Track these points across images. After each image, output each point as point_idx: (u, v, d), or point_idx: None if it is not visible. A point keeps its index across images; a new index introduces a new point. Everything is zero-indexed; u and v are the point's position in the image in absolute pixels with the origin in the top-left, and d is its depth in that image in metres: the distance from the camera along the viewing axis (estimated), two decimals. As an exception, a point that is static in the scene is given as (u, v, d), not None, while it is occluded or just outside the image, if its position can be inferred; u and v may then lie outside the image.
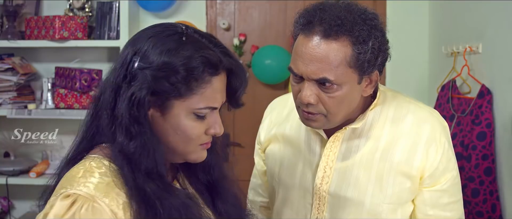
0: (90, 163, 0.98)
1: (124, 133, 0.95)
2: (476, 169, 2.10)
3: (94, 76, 2.84)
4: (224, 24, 3.03)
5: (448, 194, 1.35)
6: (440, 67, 2.72)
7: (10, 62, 2.86)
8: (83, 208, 0.90)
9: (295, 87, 1.27)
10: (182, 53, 0.95)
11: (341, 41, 1.18)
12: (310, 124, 1.29)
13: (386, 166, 1.31)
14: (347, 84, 1.22)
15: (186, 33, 1.00)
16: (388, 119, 1.34)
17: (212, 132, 1.02)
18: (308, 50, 1.20)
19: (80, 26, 2.84)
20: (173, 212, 0.96)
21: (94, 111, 1.03)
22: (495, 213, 2.09)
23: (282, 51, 2.93)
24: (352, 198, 1.33)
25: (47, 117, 2.86)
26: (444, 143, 1.32)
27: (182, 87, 0.95)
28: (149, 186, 0.95)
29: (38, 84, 3.04)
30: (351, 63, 1.19)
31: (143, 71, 0.95)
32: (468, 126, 2.19)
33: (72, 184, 0.94)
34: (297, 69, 1.23)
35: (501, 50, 2.13)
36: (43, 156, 3.07)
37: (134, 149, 0.95)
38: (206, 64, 0.97)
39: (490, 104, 2.12)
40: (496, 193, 2.09)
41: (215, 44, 1.01)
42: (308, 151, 1.40)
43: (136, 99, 0.94)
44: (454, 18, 2.63)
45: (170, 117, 0.98)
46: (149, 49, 0.96)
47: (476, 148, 2.11)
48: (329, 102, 1.23)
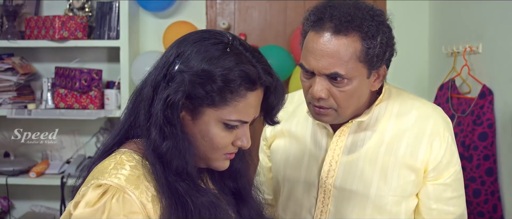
0: (121, 156, 1.01)
1: (158, 131, 0.97)
2: (477, 169, 2.10)
3: (94, 76, 2.84)
4: (224, 24, 3.03)
5: (452, 189, 1.37)
6: (440, 67, 2.72)
7: (10, 62, 2.86)
8: (114, 198, 0.93)
9: (306, 83, 1.30)
10: (223, 63, 0.97)
11: (351, 36, 1.23)
12: (321, 118, 1.32)
13: (391, 159, 1.34)
14: (357, 78, 1.26)
15: (231, 44, 1.00)
16: (393, 114, 1.37)
17: (239, 144, 1.04)
18: (319, 46, 1.24)
19: (80, 26, 2.83)
20: (203, 210, 0.98)
21: (133, 104, 1.05)
22: (496, 213, 2.09)
23: (282, 51, 2.93)
24: (357, 191, 1.35)
25: (47, 117, 2.85)
26: (448, 138, 1.35)
27: (217, 97, 0.97)
28: (180, 184, 0.98)
29: (38, 84, 3.04)
30: (361, 58, 1.24)
31: (182, 74, 0.97)
32: (469, 126, 2.19)
33: (103, 175, 0.97)
34: (309, 65, 1.26)
35: (501, 50, 2.13)
36: (43, 156, 3.06)
37: (166, 148, 0.97)
38: (244, 79, 0.98)
39: (492, 104, 2.12)
40: (497, 194, 2.09)
41: (258, 60, 1.02)
42: (314, 146, 1.42)
43: (170, 101, 0.96)
44: (454, 18, 2.63)
45: (200, 123, 1.00)
46: (192, 53, 0.98)
47: (477, 148, 2.11)
48: (340, 96, 1.27)
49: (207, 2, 3.07)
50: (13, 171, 2.85)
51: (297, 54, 2.92)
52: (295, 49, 2.92)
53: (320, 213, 1.39)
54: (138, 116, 1.02)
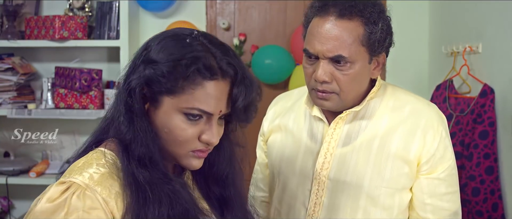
0: (92, 155, 1.02)
1: (122, 120, 1.00)
2: (477, 167, 2.10)
3: (94, 76, 2.84)
4: (224, 24, 3.03)
5: (446, 184, 1.39)
6: (440, 67, 2.72)
7: (10, 62, 2.86)
8: (75, 194, 0.94)
9: (309, 69, 1.35)
10: (178, 51, 0.98)
11: (354, 21, 1.29)
12: (323, 103, 1.36)
13: (384, 151, 1.37)
14: (359, 62, 1.31)
15: (193, 37, 1.01)
16: (388, 108, 1.41)
17: (205, 139, 1.01)
18: (324, 30, 1.30)
19: (80, 26, 2.83)
20: (164, 199, 0.98)
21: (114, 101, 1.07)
22: (496, 212, 2.08)
23: (282, 51, 2.93)
24: (351, 182, 1.37)
25: (47, 116, 2.86)
26: (441, 132, 1.38)
27: (168, 83, 0.97)
28: (141, 172, 0.98)
29: (38, 84, 3.04)
30: (363, 42, 1.30)
31: (141, 65, 1.00)
32: (469, 125, 2.19)
33: (70, 173, 0.98)
34: (313, 49, 1.31)
35: (501, 50, 2.13)
36: (43, 156, 3.07)
37: (129, 137, 0.99)
38: (198, 66, 0.97)
39: (493, 103, 2.12)
40: (498, 192, 2.09)
41: (223, 52, 1.01)
42: (309, 140, 1.44)
43: (129, 88, 0.99)
44: (454, 18, 2.63)
45: (160, 113, 1.00)
46: (154, 46, 1.01)
47: (478, 147, 2.11)
48: (343, 79, 1.31)
49: (207, 2, 3.07)
50: (13, 171, 2.86)
51: (297, 54, 2.92)
52: (295, 49, 2.93)
53: (314, 205, 1.41)
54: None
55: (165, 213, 0.97)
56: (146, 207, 0.96)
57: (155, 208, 0.97)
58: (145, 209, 0.96)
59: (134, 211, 0.96)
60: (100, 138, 1.07)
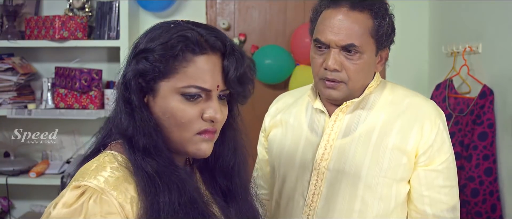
0: (104, 157, 1.01)
1: (122, 115, 1.01)
2: (476, 169, 2.10)
3: (94, 76, 2.84)
4: (224, 24, 3.03)
5: (443, 177, 1.41)
6: (440, 67, 2.72)
7: (10, 62, 2.86)
8: (91, 199, 0.93)
9: (319, 59, 1.40)
10: (164, 35, 0.99)
11: (365, 13, 1.37)
12: (331, 93, 1.41)
13: (383, 142, 1.41)
14: (367, 53, 1.38)
15: (177, 23, 1.03)
16: (387, 102, 1.46)
17: (207, 116, 1.00)
18: (337, 21, 1.37)
19: (80, 26, 2.83)
20: (172, 186, 0.98)
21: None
22: (495, 213, 2.08)
23: (282, 51, 2.93)
24: (349, 172, 1.40)
25: (47, 116, 2.86)
26: (439, 124, 1.42)
27: (161, 65, 0.98)
28: (148, 162, 0.98)
29: (38, 84, 3.04)
30: (372, 34, 1.38)
31: (133, 60, 1.01)
32: (468, 126, 2.19)
33: (83, 177, 0.97)
34: (326, 38, 1.37)
35: (501, 50, 2.13)
36: (43, 156, 3.07)
37: (131, 130, 1.00)
38: (185, 43, 0.98)
39: (492, 104, 2.12)
40: (497, 193, 2.09)
41: (208, 29, 1.02)
42: (310, 132, 1.48)
43: (125, 81, 1.01)
44: (454, 18, 2.63)
45: (159, 99, 1.01)
46: (142, 39, 1.02)
47: (477, 148, 2.11)
48: (352, 68, 1.38)
49: (207, 2, 3.07)
50: (13, 171, 2.86)
51: (297, 54, 2.92)
52: (295, 49, 2.93)
53: (312, 195, 1.43)
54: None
55: (175, 200, 0.97)
56: (158, 195, 0.96)
57: (166, 195, 0.97)
58: (157, 198, 0.96)
59: (148, 201, 0.95)
60: (106, 140, 1.06)
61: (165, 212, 0.95)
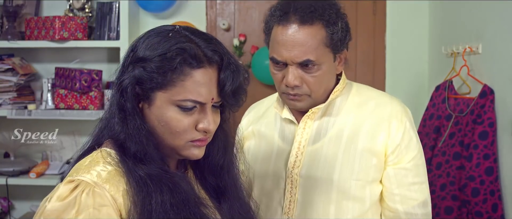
0: (97, 154, 1.04)
1: (116, 120, 1.02)
2: (477, 168, 2.10)
3: (94, 76, 2.84)
4: (224, 25, 3.03)
5: (413, 174, 1.43)
6: (440, 67, 2.72)
7: (10, 63, 2.86)
8: (84, 192, 0.96)
9: (278, 75, 1.40)
10: (162, 45, 1.00)
11: (316, 25, 1.35)
12: (296, 104, 1.42)
13: (352, 145, 1.42)
14: (326, 63, 1.38)
15: (175, 30, 1.03)
16: (354, 105, 1.47)
17: (201, 127, 1.03)
18: (289, 38, 1.35)
19: (80, 26, 2.84)
20: (164, 188, 1.00)
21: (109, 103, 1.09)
22: (496, 213, 2.08)
23: (282, 52, 2.93)
24: (322, 177, 1.42)
25: (47, 117, 2.86)
26: (406, 122, 1.43)
27: (158, 77, 0.99)
28: (140, 167, 1.00)
29: (38, 84, 3.04)
30: (327, 43, 1.36)
31: (130, 66, 1.02)
32: (469, 126, 2.18)
33: (77, 172, 1.00)
34: (281, 56, 1.36)
35: (501, 50, 2.13)
36: (43, 156, 3.07)
37: (123, 135, 1.02)
38: (184, 56, 0.99)
39: (493, 103, 2.12)
40: (498, 193, 2.09)
41: (206, 41, 1.03)
42: (281, 141, 1.49)
43: (121, 88, 1.02)
44: (454, 18, 2.63)
45: (154, 108, 1.02)
46: (140, 44, 1.03)
47: (477, 147, 2.11)
48: (312, 81, 1.37)
49: (207, 3, 3.07)
50: (13, 172, 2.86)
51: (297, 54, 2.92)
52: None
53: (289, 203, 1.45)
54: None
55: (167, 201, 0.99)
56: (150, 196, 0.98)
57: (158, 196, 0.98)
58: (149, 198, 0.98)
59: (139, 202, 0.97)
60: (100, 139, 1.08)
61: (157, 213, 0.97)
